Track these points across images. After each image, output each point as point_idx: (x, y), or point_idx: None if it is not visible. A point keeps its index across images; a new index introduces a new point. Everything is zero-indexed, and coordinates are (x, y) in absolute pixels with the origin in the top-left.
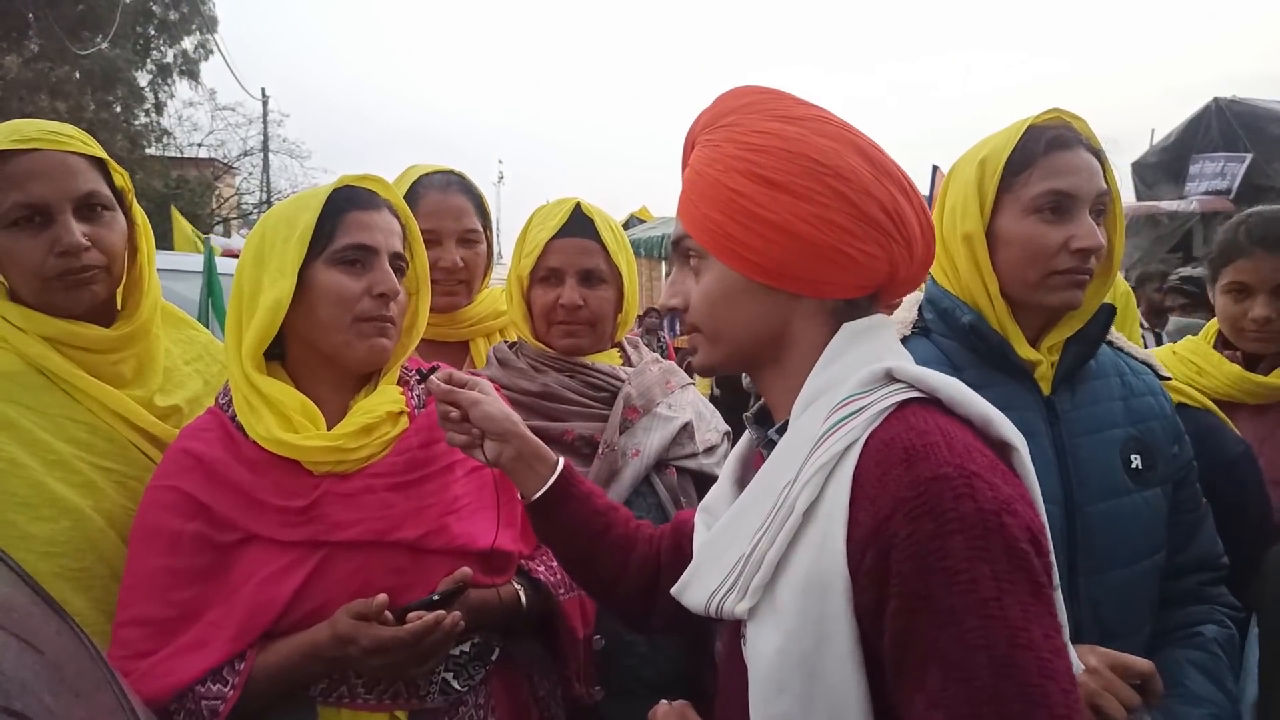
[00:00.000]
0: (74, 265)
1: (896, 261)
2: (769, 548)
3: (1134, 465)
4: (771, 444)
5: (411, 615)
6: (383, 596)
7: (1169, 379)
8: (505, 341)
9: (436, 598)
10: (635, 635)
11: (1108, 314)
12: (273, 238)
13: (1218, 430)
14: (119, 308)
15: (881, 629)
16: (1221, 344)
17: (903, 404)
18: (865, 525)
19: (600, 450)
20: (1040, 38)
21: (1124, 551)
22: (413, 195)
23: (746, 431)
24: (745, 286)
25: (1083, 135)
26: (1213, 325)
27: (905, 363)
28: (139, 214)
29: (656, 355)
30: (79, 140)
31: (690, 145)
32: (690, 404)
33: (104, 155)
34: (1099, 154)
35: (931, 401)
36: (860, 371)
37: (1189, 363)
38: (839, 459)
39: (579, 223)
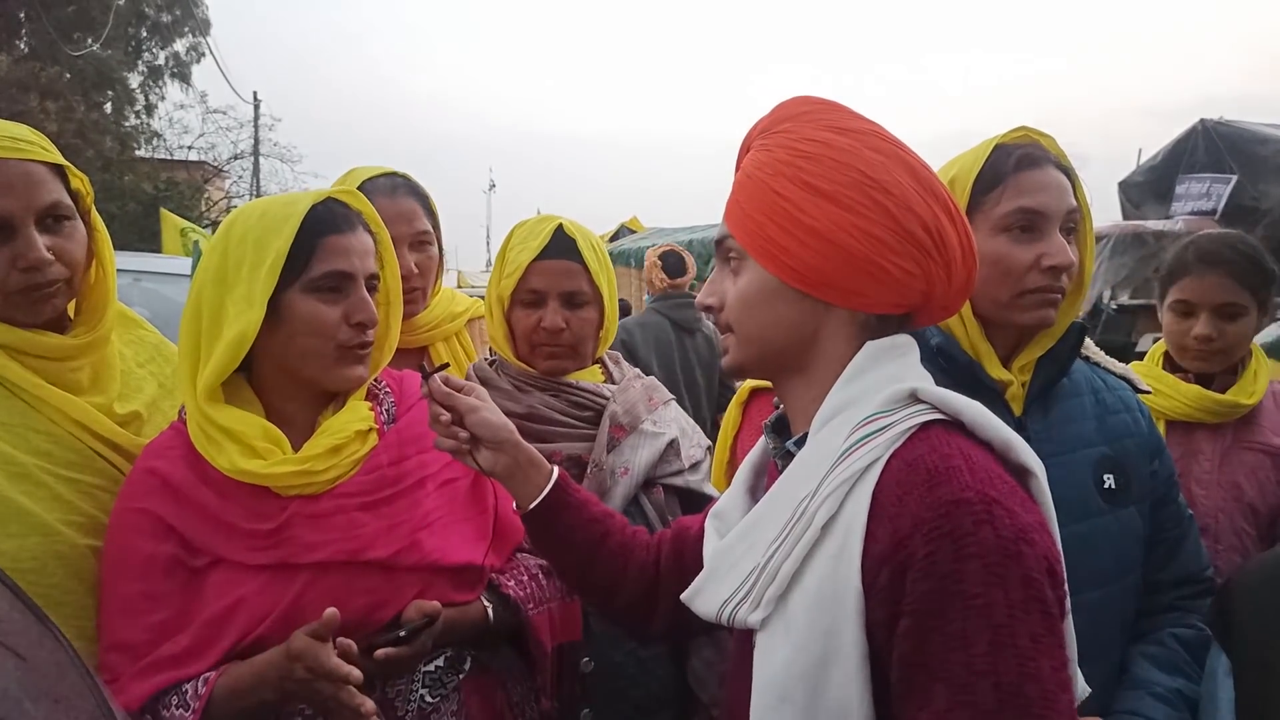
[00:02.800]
0: (38, 280)
1: (933, 282)
2: (784, 559)
3: (1107, 485)
4: (788, 455)
5: (379, 653)
6: (332, 610)
7: (1147, 392)
8: (485, 359)
9: (403, 634)
10: (623, 657)
11: (1078, 332)
12: (238, 258)
13: None
14: (71, 314)
15: (890, 646)
16: (1169, 365)
17: (925, 425)
18: (883, 542)
19: (589, 470)
20: (1040, 37)
21: (1095, 573)
22: None
23: (761, 439)
24: (780, 290)
25: (1051, 153)
26: (1159, 346)
27: (928, 384)
28: (96, 219)
29: (638, 371)
30: (39, 147)
31: (745, 150)
32: (674, 419)
33: (63, 162)
34: (1068, 171)
35: (954, 424)
36: (884, 390)
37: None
38: (860, 475)
39: (561, 244)
